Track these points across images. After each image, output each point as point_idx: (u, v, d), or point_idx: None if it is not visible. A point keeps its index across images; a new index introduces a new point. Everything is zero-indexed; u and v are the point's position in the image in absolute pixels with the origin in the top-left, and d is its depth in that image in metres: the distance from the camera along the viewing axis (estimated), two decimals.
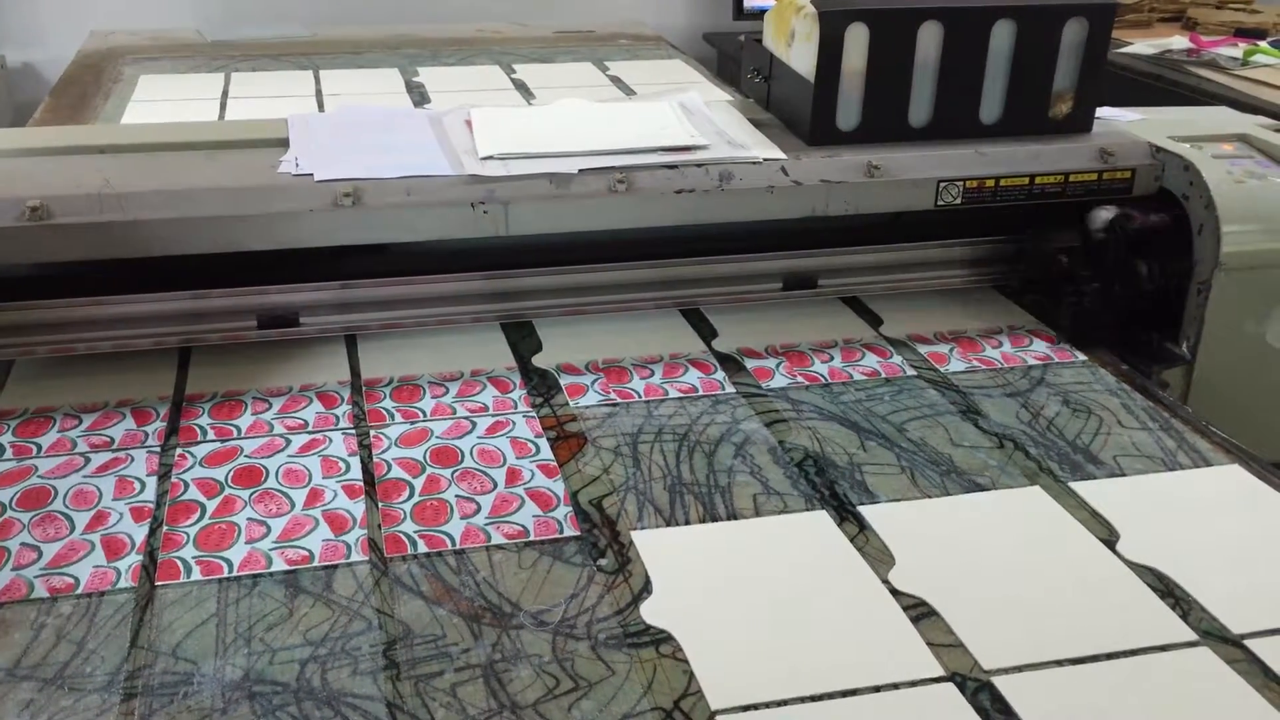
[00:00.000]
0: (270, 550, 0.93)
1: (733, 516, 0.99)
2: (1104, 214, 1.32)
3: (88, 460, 1.05)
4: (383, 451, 1.07)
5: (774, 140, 1.32)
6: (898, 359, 1.28)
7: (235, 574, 0.90)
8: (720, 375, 1.23)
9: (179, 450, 1.07)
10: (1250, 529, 0.99)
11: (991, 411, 1.17)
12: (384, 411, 1.14)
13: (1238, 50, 2.48)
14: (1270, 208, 1.29)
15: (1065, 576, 0.92)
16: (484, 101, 1.40)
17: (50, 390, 1.16)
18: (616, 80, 2.13)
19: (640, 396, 1.18)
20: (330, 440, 1.09)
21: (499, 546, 0.94)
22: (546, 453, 1.08)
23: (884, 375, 1.24)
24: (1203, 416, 1.18)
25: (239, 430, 1.10)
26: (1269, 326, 1.30)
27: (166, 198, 1.13)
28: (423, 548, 0.94)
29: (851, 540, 0.96)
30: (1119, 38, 2.69)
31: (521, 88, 2.06)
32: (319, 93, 1.99)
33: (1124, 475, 1.06)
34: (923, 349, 1.30)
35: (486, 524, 0.97)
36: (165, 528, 0.95)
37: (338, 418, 1.13)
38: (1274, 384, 1.33)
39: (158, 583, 0.89)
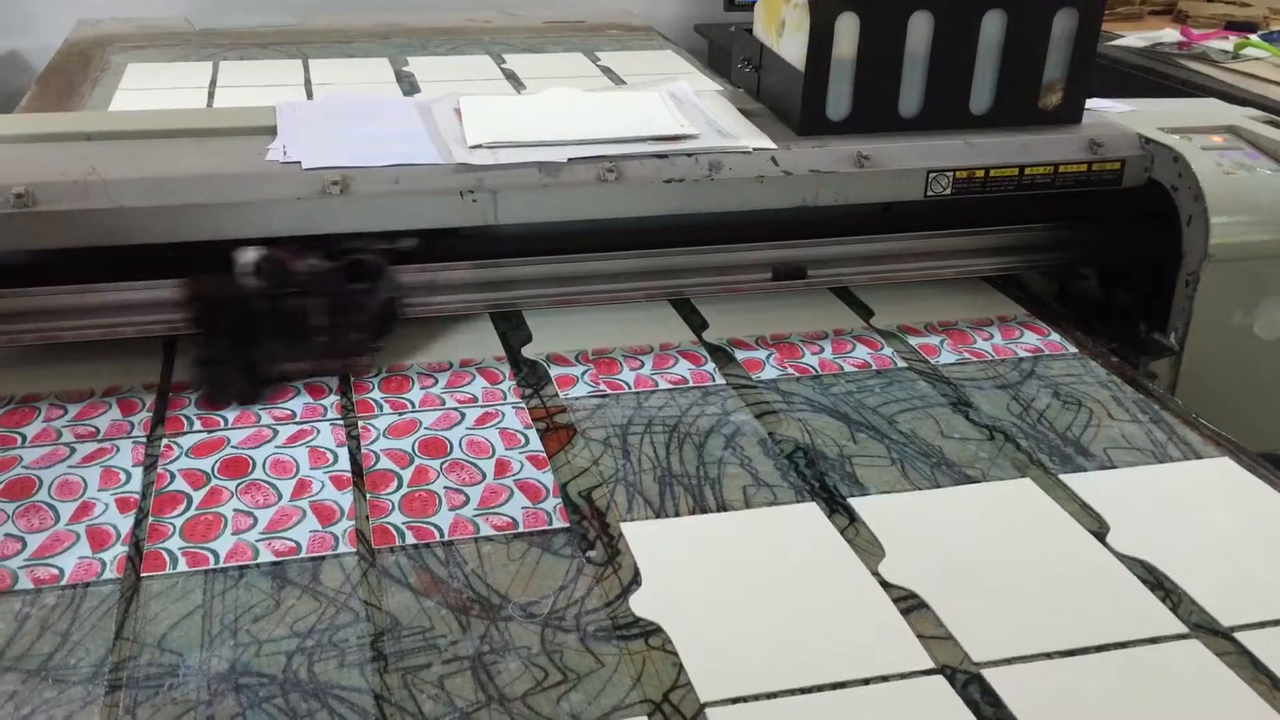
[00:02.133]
0: (257, 541, 0.92)
1: (723, 508, 0.99)
2: (249, 256, 1.13)
3: (73, 450, 1.04)
4: (371, 442, 1.07)
5: (764, 130, 1.31)
6: (888, 351, 1.27)
7: (222, 565, 0.89)
8: (710, 367, 1.22)
9: (165, 441, 1.06)
10: (1240, 521, 0.99)
11: (982, 404, 1.17)
12: (372, 402, 1.14)
13: (1228, 43, 2.48)
14: (1259, 199, 1.29)
15: (1055, 569, 0.92)
16: (474, 91, 1.38)
17: (36, 378, 1.16)
18: (607, 71, 2.12)
19: (630, 388, 1.18)
20: (318, 431, 1.08)
21: (488, 538, 0.94)
22: (536, 444, 1.07)
23: (875, 367, 1.24)
24: (1190, 408, 1.18)
25: (226, 421, 1.10)
26: (1257, 318, 1.30)
27: (153, 185, 1.12)
28: (411, 539, 0.93)
29: (841, 532, 0.96)
30: (1110, 30, 2.69)
31: (511, 78, 2.05)
32: (308, 82, 1.98)
33: (1114, 468, 1.06)
34: (913, 341, 1.30)
35: (475, 515, 0.97)
36: (151, 519, 0.95)
37: (326, 408, 1.12)
38: (1261, 376, 1.33)
39: (143, 574, 0.88)
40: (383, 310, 1.18)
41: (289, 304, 1.14)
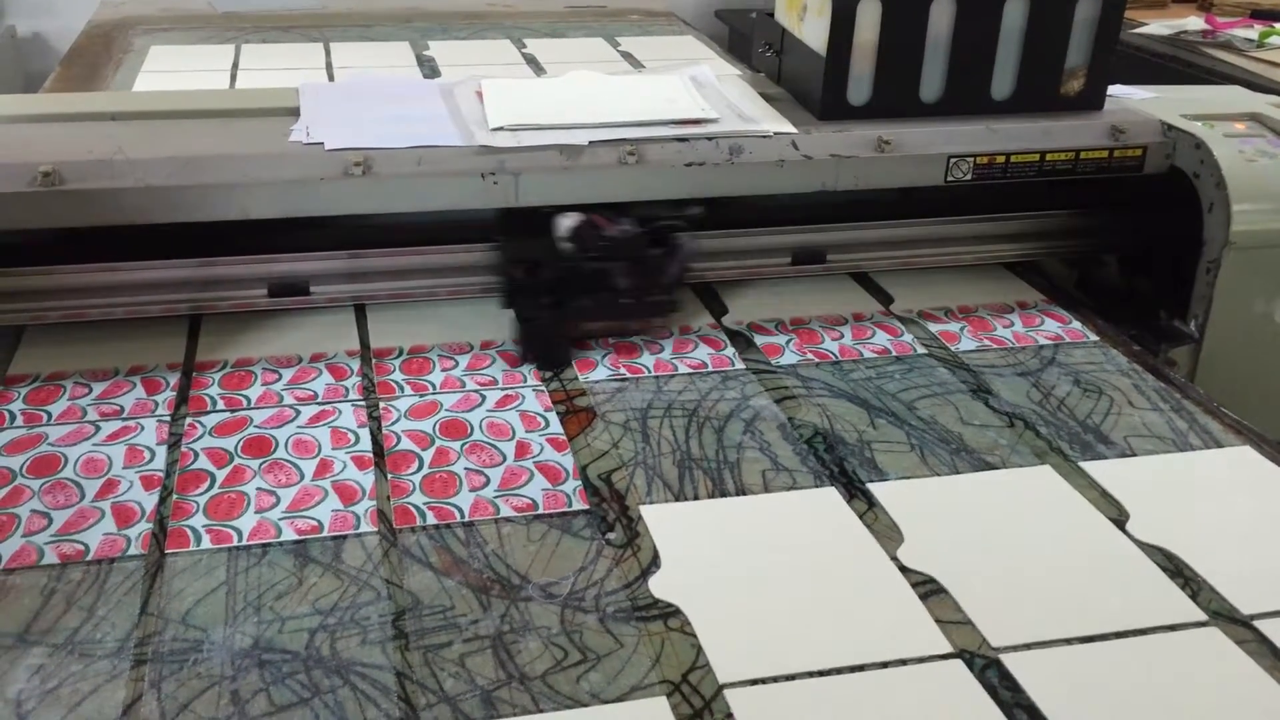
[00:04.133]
0: (280, 520, 0.93)
1: (741, 492, 0.99)
2: (568, 221, 1.19)
3: (98, 428, 1.05)
4: (392, 423, 1.07)
5: (785, 114, 1.31)
6: (908, 337, 1.27)
7: (245, 543, 0.90)
8: (730, 351, 1.23)
9: (189, 419, 1.07)
10: (1260, 510, 0.99)
11: (1002, 390, 1.17)
12: (393, 384, 1.14)
13: (1253, 31, 2.47)
14: None
15: (1074, 555, 0.92)
16: (494, 75, 1.39)
17: (61, 356, 1.16)
18: (627, 56, 2.12)
19: (650, 372, 1.18)
20: (340, 411, 1.09)
21: (508, 519, 0.94)
22: (556, 426, 1.08)
23: (894, 353, 1.24)
24: (1210, 396, 1.18)
25: (249, 400, 1.10)
26: (1278, 306, 1.29)
27: (178, 164, 1.13)
28: (432, 519, 0.94)
29: (860, 517, 0.96)
30: (1134, 18, 2.67)
31: (532, 62, 2.05)
32: (329, 65, 1.98)
33: (1134, 455, 1.06)
34: (934, 327, 1.30)
35: (495, 497, 0.97)
36: (175, 496, 0.96)
37: (347, 389, 1.13)
38: None
39: (167, 550, 0.89)
40: (678, 274, 1.23)
41: (600, 267, 1.20)
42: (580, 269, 1.19)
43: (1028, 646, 0.82)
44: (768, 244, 1.36)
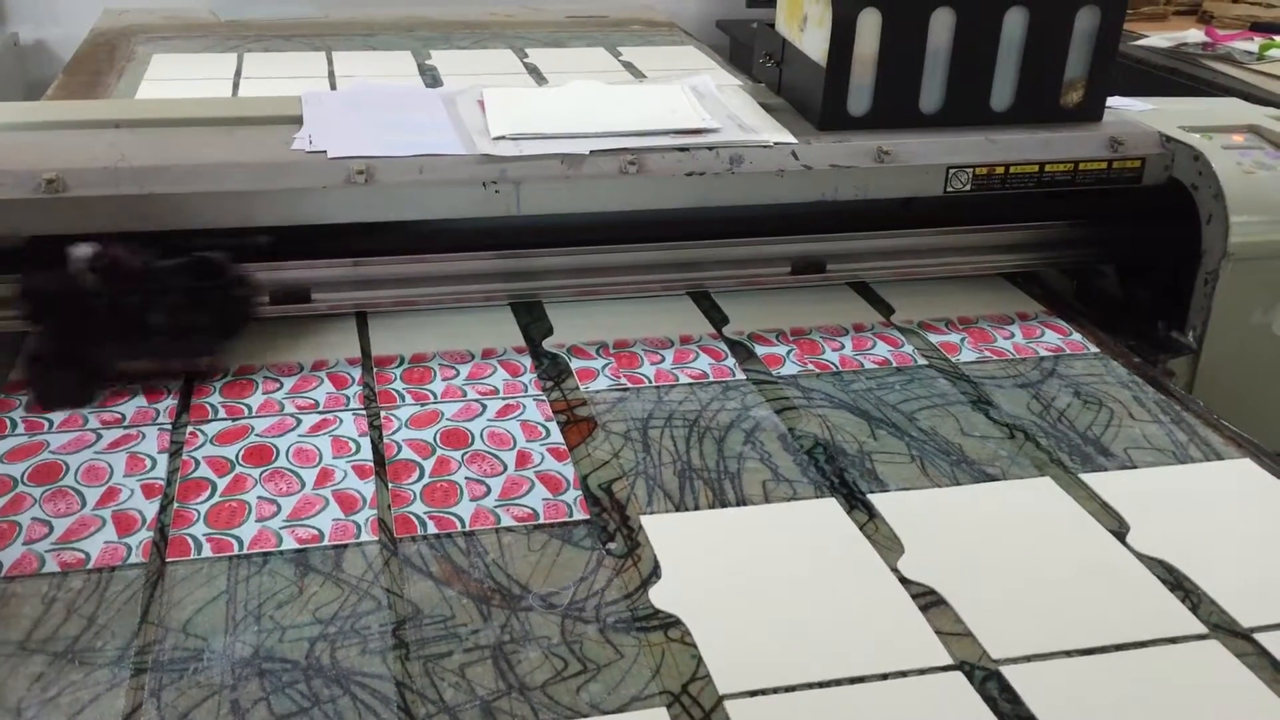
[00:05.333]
0: (280, 529, 0.93)
1: (742, 502, 0.99)
2: (82, 251, 1.08)
3: (99, 436, 1.05)
4: (393, 432, 1.07)
5: (785, 125, 1.31)
6: (909, 348, 1.27)
7: (245, 552, 0.90)
8: (731, 362, 1.23)
9: (190, 428, 1.07)
10: (1260, 523, 0.99)
11: (1002, 402, 1.17)
12: (394, 393, 1.14)
13: (1253, 44, 2.47)
14: (1279, 199, 1.29)
15: (1075, 567, 0.92)
16: (496, 85, 1.39)
17: None
18: (629, 65, 2.12)
19: (651, 382, 1.18)
20: (341, 420, 1.09)
21: (508, 529, 0.94)
22: (557, 436, 1.08)
23: (895, 364, 1.24)
24: (1209, 407, 1.18)
25: (250, 409, 1.11)
26: (1276, 317, 1.30)
27: (181, 172, 1.13)
28: (432, 529, 0.94)
29: (861, 528, 0.96)
30: (1134, 30, 2.68)
31: (534, 72, 2.06)
32: (331, 74, 1.99)
33: (1134, 467, 1.06)
34: (934, 338, 1.30)
35: (496, 506, 0.97)
36: (176, 505, 0.96)
37: (348, 398, 1.13)
38: (1279, 375, 1.32)
39: (168, 559, 0.89)
40: (231, 308, 1.15)
41: (129, 302, 1.09)
42: (105, 304, 1.09)
43: (1028, 658, 0.82)
44: (768, 253, 1.36)
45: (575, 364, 1.21)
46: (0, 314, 1.16)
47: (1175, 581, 0.90)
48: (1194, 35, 2.57)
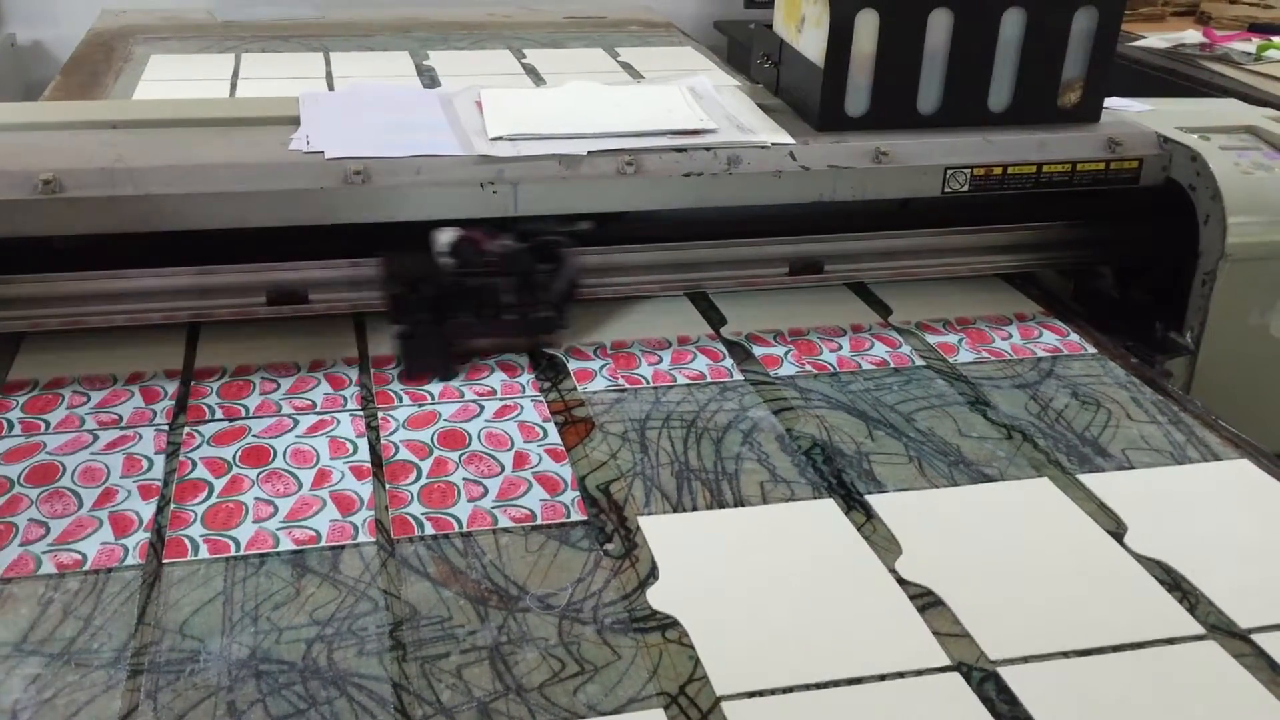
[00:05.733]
0: (277, 530, 0.93)
1: (740, 503, 0.99)
2: (446, 236, 1.18)
3: (96, 437, 1.05)
4: (390, 433, 1.07)
5: (783, 125, 1.31)
6: (906, 349, 1.27)
7: (242, 553, 0.90)
8: (728, 363, 1.23)
9: (187, 429, 1.07)
10: (1258, 523, 0.99)
11: (1000, 403, 1.17)
12: (392, 393, 1.14)
13: (1251, 45, 2.47)
14: (1277, 199, 1.29)
15: (1072, 568, 0.92)
16: (494, 85, 1.39)
17: (60, 364, 1.17)
18: (626, 66, 2.12)
19: (648, 382, 1.18)
20: (338, 421, 1.09)
21: (506, 530, 0.94)
22: (554, 437, 1.08)
23: (893, 365, 1.24)
24: (1208, 408, 1.18)
25: (247, 410, 1.10)
26: (1273, 318, 1.30)
27: (178, 173, 1.13)
28: (430, 530, 0.94)
29: (858, 529, 0.96)
30: (1132, 31, 2.68)
31: (532, 72, 2.06)
32: (329, 75, 1.98)
33: (1132, 468, 1.06)
34: (932, 339, 1.30)
35: (494, 507, 0.97)
36: (173, 506, 0.96)
37: (345, 399, 1.13)
38: (1277, 375, 1.33)
39: (165, 560, 0.89)
40: (565, 291, 1.23)
41: (482, 283, 1.18)
42: (462, 285, 1.17)
43: (1025, 659, 0.82)
44: (765, 254, 1.36)
45: (573, 365, 1.21)
46: None
47: (1173, 582, 0.90)
48: (1192, 36, 2.57)
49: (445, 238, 1.16)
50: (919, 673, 0.80)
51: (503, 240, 1.19)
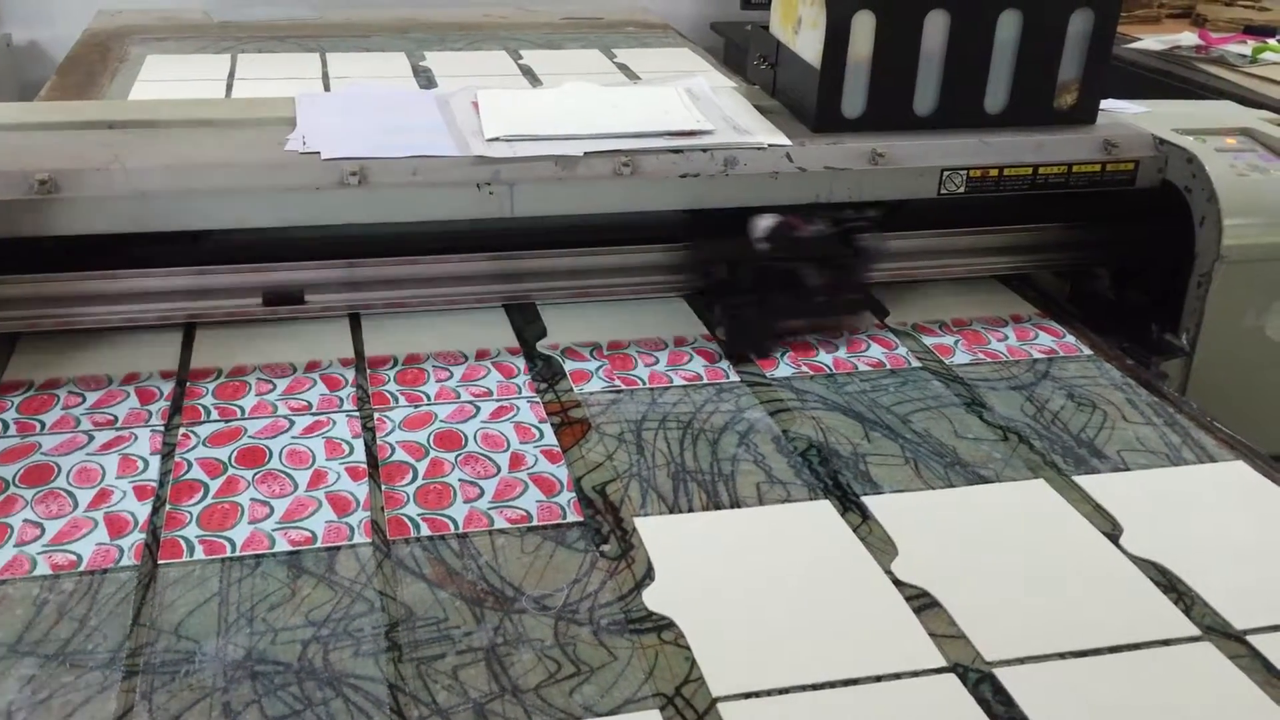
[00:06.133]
0: (273, 531, 0.93)
1: (736, 505, 0.99)
2: (764, 222, 1.25)
3: (91, 438, 1.05)
4: (386, 434, 1.07)
5: (779, 126, 1.31)
6: (903, 350, 1.27)
7: (238, 554, 0.90)
8: (725, 364, 1.23)
9: (182, 430, 1.07)
10: (1253, 525, 0.99)
11: (996, 404, 1.17)
12: (388, 394, 1.14)
13: (1247, 47, 2.47)
14: (1272, 201, 1.29)
15: (1068, 569, 0.92)
16: (491, 86, 1.39)
17: (55, 364, 1.16)
18: (623, 67, 2.12)
19: (644, 384, 1.18)
20: (334, 422, 1.09)
21: (502, 531, 0.94)
22: (550, 438, 1.08)
23: (889, 366, 1.24)
24: (1203, 409, 1.18)
25: (243, 411, 1.10)
26: (1269, 320, 1.30)
27: (174, 173, 1.13)
28: (426, 531, 0.94)
29: (855, 530, 0.96)
30: (1127, 33, 2.68)
31: (528, 73, 2.06)
32: (325, 76, 1.98)
33: (1128, 470, 1.06)
34: (928, 340, 1.30)
35: (490, 508, 0.97)
36: (168, 506, 0.95)
37: (341, 400, 1.13)
38: (1272, 377, 1.33)
39: (160, 561, 0.89)
40: (866, 274, 1.31)
41: (796, 267, 1.26)
42: (778, 268, 1.25)
43: (1021, 660, 0.82)
44: None
45: (569, 366, 1.21)
46: None
47: (1168, 584, 0.90)
48: (1187, 38, 2.58)
49: (764, 223, 1.23)
50: (915, 674, 0.80)
51: (816, 225, 1.25)
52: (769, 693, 0.78)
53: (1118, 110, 1.45)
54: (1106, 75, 1.36)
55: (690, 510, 0.98)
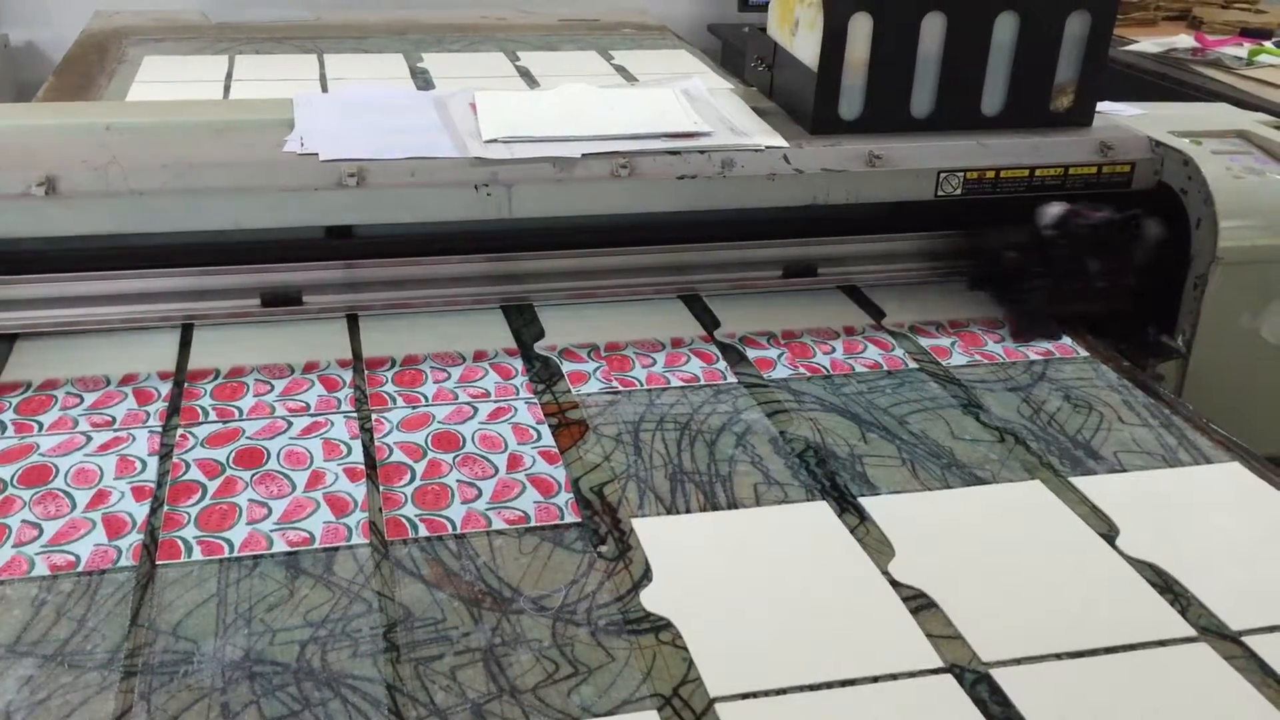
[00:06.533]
0: (271, 531, 0.93)
1: (733, 506, 0.99)
2: (1053, 210, 1.31)
3: (89, 439, 1.05)
4: (384, 435, 1.07)
5: (776, 128, 1.32)
6: (900, 351, 1.28)
7: (236, 554, 0.90)
8: (722, 365, 1.23)
9: (180, 430, 1.07)
10: (1249, 526, 1.00)
11: (993, 405, 1.17)
12: (386, 395, 1.14)
13: (1243, 50, 2.48)
14: (1268, 203, 1.29)
15: (1065, 570, 0.92)
16: (488, 88, 1.39)
17: (53, 365, 1.16)
18: (621, 69, 2.13)
19: (642, 385, 1.18)
20: (332, 423, 1.09)
21: (500, 532, 0.94)
22: (548, 439, 1.08)
23: (886, 368, 1.24)
24: (1199, 411, 1.18)
25: (241, 411, 1.10)
26: (1264, 322, 1.30)
27: (172, 174, 1.13)
28: (424, 532, 0.94)
29: (852, 531, 0.96)
30: (1124, 36, 2.69)
31: (526, 75, 2.06)
32: (323, 77, 1.98)
33: (1124, 471, 1.07)
34: (925, 342, 1.30)
35: (487, 509, 0.97)
36: (166, 507, 0.95)
37: (339, 401, 1.13)
38: (1267, 379, 1.33)
39: (158, 562, 0.89)
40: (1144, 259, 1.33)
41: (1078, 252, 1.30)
42: (1062, 254, 1.30)
43: (1018, 661, 0.82)
44: (759, 257, 1.37)
45: (567, 367, 1.21)
46: None
47: (1165, 584, 0.91)
48: (1184, 40, 2.58)
49: (1053, 210, 1.28)
50: (912, 674, 0.81)
51: (1103, 213, 1.28)
52: (767, 693, 0.78)
53: (1114, 112, 1.45)
54: (1103, 78, 1.36)
55: (688, 511, 0.98)
